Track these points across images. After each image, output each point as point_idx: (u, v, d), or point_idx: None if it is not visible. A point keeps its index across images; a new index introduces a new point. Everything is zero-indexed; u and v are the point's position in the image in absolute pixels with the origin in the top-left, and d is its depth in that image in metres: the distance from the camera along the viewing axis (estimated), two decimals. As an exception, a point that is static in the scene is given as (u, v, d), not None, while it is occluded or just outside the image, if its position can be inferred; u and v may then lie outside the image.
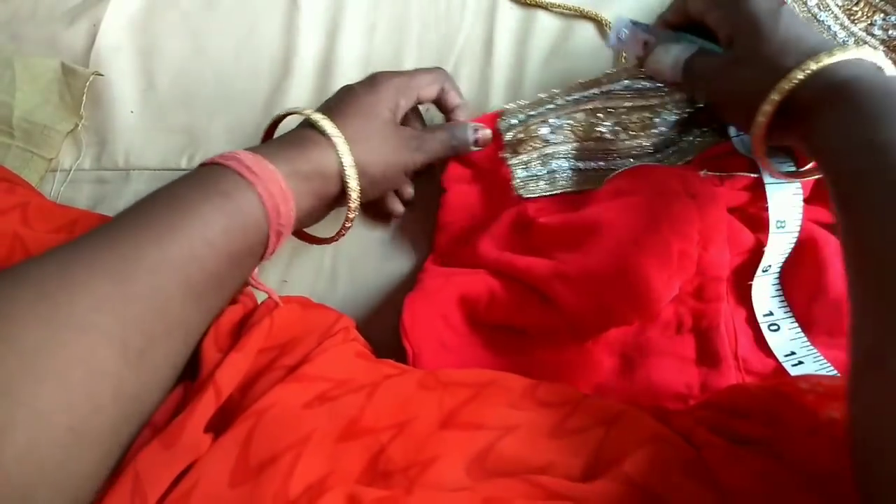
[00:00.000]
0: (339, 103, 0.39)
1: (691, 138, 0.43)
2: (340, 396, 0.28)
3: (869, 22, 0.46)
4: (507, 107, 0.45)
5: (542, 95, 0.45)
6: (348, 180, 0.36)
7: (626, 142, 0.43)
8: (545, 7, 0.51)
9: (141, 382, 0.26)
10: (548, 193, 0.42)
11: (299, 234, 0.41)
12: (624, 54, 0.48)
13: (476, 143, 0.42)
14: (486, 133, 0.43)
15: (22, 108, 0.49)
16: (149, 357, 0.26)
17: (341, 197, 0.37)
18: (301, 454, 0.26)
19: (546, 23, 0.51)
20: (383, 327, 0.42)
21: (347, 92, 0.39)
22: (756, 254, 0.39)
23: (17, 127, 0.48)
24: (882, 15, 0.46)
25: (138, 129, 0.50)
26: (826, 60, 0.31)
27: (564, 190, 0.42)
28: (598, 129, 0.43)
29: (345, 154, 0.36)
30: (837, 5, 0.47)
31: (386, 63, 0.51)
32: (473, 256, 0.40)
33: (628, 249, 0.36)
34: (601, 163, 0.43)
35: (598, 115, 0.43)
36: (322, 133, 0.36)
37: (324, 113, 0.37)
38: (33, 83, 0.49)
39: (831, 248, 0.38)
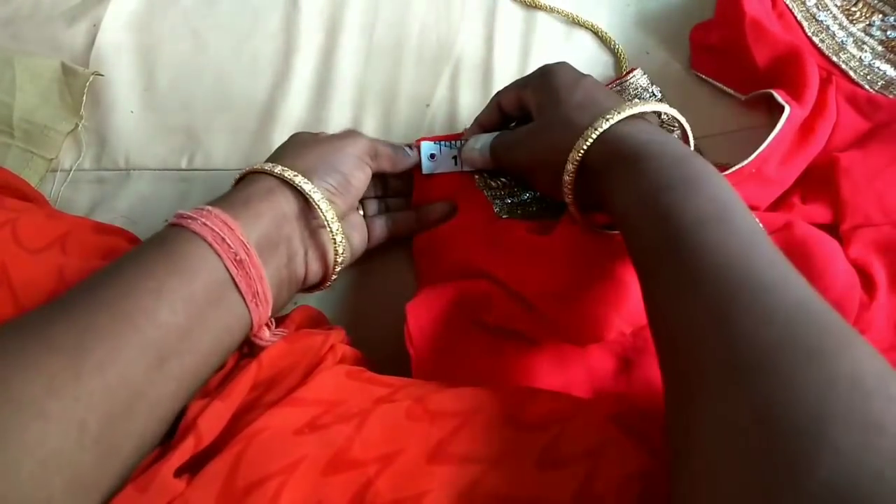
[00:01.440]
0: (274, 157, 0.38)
1: None
2: (331, 424, 0.28)
3: (867, 22, 0.46)
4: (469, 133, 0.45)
5: None
6: (300, 184, 0.34)
7: None
8: (545, 9, 0.51)
9: (99, 467, 0.25)
10: (520, 218, 0.42)
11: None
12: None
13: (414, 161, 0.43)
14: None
15: (22, 108, 0.49)
16: (107, 439, 0.25)
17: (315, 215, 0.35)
18: (288, 481, 0.25)
19: (547, 23, 0.51)
20: (382, 325, 0.43)
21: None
22: None
23: (17, 127, 0.48)
24: (880, 15, 0.46)
25: (138, 129, 0.50)
26: (616, 117, 0.32)
27: (541, 217, 0.42)
28: None
29: (276, 168, 0.34)
30: (836, 6, 0.47)
31: (386, 63, 0.51)
32: (464, 264, 0.40)
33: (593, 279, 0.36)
34: None
35: None
36: (258, 172, 0.35)
37: None
38: (33, 83, 0.49)
39: (828, 248, 0.37)
